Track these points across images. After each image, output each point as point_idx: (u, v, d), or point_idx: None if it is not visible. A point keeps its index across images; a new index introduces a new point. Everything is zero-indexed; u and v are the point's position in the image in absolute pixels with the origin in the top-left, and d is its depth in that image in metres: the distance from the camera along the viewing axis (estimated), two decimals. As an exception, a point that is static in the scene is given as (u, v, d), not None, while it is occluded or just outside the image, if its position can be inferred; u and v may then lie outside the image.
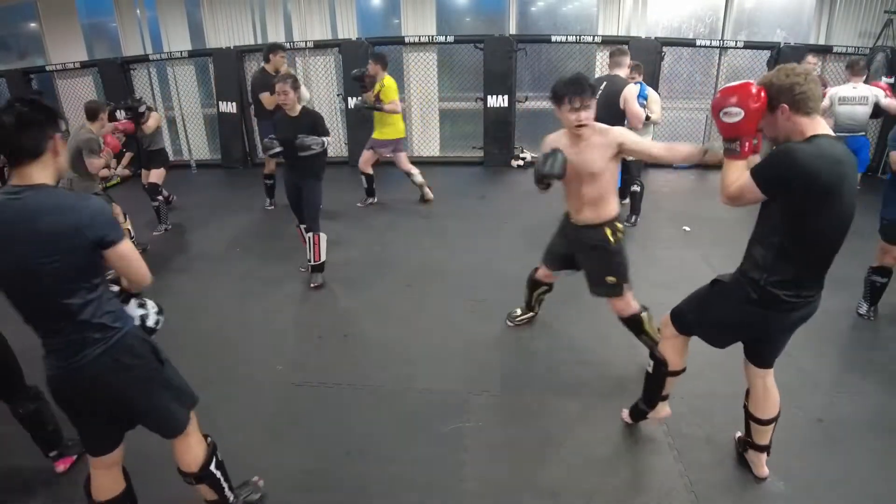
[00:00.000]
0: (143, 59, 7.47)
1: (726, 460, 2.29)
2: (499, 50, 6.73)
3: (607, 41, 6.77)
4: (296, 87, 3.66)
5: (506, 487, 2.19)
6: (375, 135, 5.42)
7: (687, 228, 4.82)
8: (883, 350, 3.06)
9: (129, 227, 4.50)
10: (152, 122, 4.89)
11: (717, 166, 1.94)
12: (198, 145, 7.82)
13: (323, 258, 3.88)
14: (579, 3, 7.31)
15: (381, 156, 5.55)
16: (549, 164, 2.39)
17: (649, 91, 4.87)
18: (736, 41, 6.60)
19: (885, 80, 5.76)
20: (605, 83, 4.06)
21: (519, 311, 3.35)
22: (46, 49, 7.95)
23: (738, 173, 1.80)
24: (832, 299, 3.59)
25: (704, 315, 2.07)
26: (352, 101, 5.64)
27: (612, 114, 3.76)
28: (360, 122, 5.42)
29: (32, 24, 8.03)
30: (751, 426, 2.15)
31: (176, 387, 1.80)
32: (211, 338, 3.31)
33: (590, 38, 6.73)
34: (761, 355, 2.07)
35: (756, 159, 1.84)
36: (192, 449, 1.86)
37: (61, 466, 2.30)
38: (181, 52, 7.40)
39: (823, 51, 6.56)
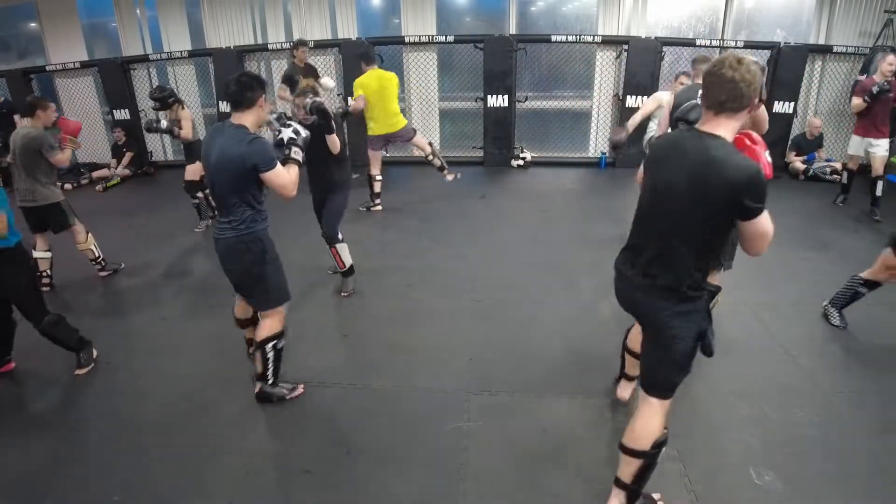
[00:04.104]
0: (143, 59, 7.48)
1: (726, 460, 2.29)
2: (499, 50, 6.73)
3: (607, 41, 6.79)
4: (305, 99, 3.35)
5: (506, 487, 2.19)
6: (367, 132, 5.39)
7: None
8: (882, 350, 3.07)
9: (94, 245, 4.10)
10: (185, 123, 4.78)
11: None
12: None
13: (348, 264, 3.76)
14: (579, 3, 7.31)
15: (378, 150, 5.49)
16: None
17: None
18: (736, 41, 6.60)
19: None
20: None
21: None
22: (46, 49, 7.96)
23: None
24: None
25: None
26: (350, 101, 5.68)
27: None
28: (361, 122, 5.44)
29: (32, 24, 8.04)
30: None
31: (268, 283, 2.51)
32: (212, 337, 3.31)
33: (590, 38, 6.73)
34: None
35: None
36: (264, 326, 2.58)
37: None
38: (181, 52, 7.42)
39: (823, 51, 6.56)
